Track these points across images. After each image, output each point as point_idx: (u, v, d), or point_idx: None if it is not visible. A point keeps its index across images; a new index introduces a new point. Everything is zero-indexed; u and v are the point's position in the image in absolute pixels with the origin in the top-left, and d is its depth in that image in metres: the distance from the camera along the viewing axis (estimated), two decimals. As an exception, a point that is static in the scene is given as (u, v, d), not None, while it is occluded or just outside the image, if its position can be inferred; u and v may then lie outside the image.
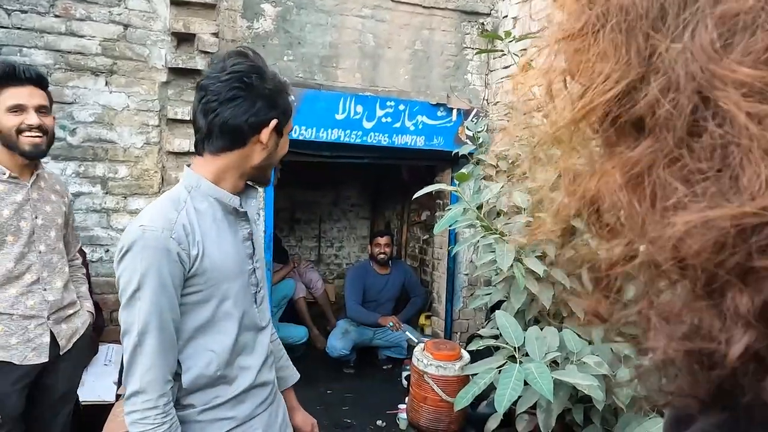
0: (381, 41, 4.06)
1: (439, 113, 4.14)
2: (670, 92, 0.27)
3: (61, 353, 2.06)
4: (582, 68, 0.31)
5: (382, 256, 4.68)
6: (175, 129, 3.37)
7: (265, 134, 1.25)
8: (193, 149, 3.32)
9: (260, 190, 1.45)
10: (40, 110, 1.96)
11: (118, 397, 2.87)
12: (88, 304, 2.28)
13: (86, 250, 3.19)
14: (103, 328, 3.21)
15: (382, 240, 4.73)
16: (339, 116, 3.85)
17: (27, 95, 1.93)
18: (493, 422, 2.18)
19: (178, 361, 1.24)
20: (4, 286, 1.91)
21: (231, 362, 1.29)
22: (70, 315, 2.11)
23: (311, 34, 3.86)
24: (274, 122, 1.26)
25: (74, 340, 2.12)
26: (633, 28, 0.29)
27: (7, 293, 1.90)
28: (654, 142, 0.28)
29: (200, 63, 3.29)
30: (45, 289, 2.00)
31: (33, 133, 1.92)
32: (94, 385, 2.86)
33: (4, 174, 1.92)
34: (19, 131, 1.90)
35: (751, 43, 0.25)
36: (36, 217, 1.99)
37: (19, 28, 3.08)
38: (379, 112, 3.95)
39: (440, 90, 4.24)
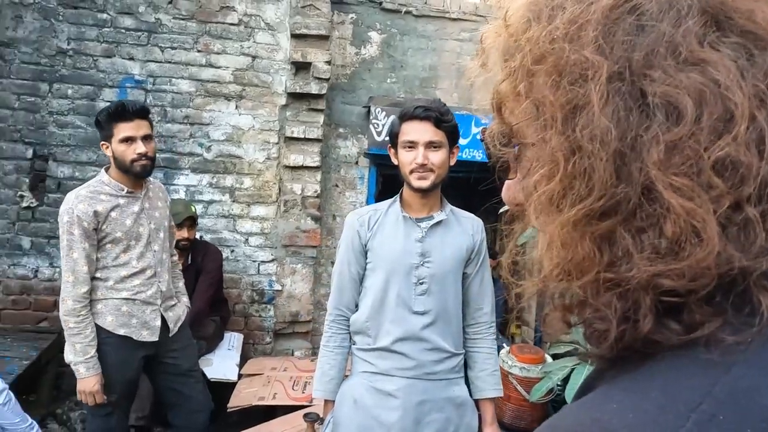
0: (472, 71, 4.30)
1: (532, 130, 4.29)
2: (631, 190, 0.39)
3: (170, 335, 2.50)
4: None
5: None
6: (292, 146, 3.82)
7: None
8: (305, 163, 3.77)
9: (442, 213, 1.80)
10: (145, 138, 2.30)
11: (240, 376, 3.33)
12: (185, 299, 2.70)
13: (216, 249, 3.70)
14: (228, 318, 3.70)
15: None
16: (436, 133, 4.13)
17: (135, 128, 2.28)
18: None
19: (358, 304, 1.81)
20: (131, 278, 2.35)
21: (377, 322, 1.72)
22: (173, 305, 2.55)
23: (413, 58, 4.19)
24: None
25: (179, 325, 2.55)
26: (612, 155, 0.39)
27: (132, 283, 2.36)
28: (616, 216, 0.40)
29: (314, 88, 3.72)
30: (159, 281, 2.45)
31: (143, 161, 2.30)
32: (220, 366, 3.34)
33: (123, 190, 2.32)
34: (133, 160, 2.27)
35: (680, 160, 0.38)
36: (150, 223, 2.41)
37: (169, 62, 3.68)
38: (474, 130, 4.19)
39: (534, 107, 4.39)
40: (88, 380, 2.23)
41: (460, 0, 4.19)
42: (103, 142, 2.34)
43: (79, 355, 2.22)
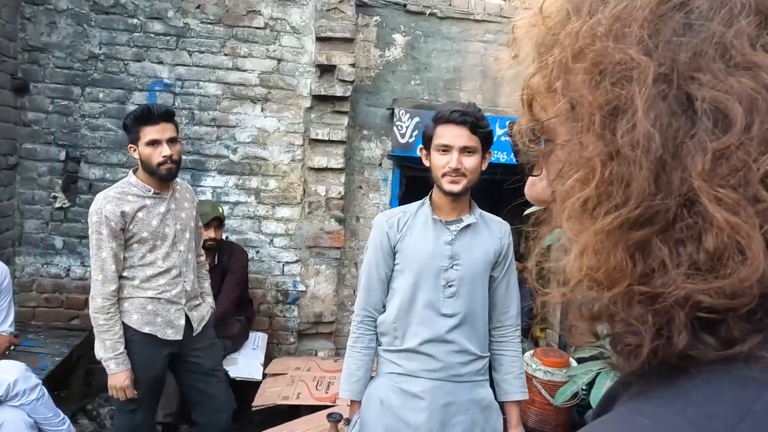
0: (502, 64, 4.28)
1: (558, 131, 4.25)
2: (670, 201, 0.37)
3: (194, 334, 2.53)
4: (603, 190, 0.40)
5: None
6: (316, 148, 3.86)
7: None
8: (329, 165, 3.79)
9: (469, 216, 1.79)
10: (170, 141, 2.35)
11: (264, 376, 3.37)
12: (210, 300, 2.73)
13: (241, 250, 3.74)
14: (253, 318, 3.75)
15: None
16: (460, 135, 4.12)
17: (160, 131, 2.33)
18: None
19: (385, 305, 1.82)
20: (156, 278, 2.40)
21: (405, 324, 1.73)
22: (197, 304, 2.58)
23: (437, 60, 4.18)
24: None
25: (203, 324, 2.58)
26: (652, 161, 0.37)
27: (158, 283, 2.40)
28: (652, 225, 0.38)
29: (339, 90, 3.74)
30: (184, 281, 2.48)
31: (168, 165, 2.34)
32: (245, 365, 3.38)
33: (149, 191, 2.37)
34: (159, 163, 2.32)
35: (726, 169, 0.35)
36: (176, 224, 2.45)
37: (197, 66, 3.74)
38: (499, 131, 4.17)
39: (560, 109, 4.35)
40: (118, 376, 2.28)
41: (484, 1, 4.18)
42: (130, 145, 2.39)
43: (109, 352, 2.27)
